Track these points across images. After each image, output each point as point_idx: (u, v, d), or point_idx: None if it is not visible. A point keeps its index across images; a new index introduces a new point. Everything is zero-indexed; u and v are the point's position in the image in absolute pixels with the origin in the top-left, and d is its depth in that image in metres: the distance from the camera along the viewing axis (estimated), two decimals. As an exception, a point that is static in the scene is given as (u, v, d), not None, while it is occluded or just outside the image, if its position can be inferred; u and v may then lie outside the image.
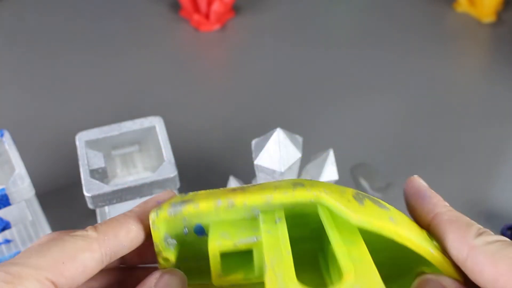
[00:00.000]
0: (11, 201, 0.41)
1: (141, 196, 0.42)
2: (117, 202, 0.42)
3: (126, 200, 0.42)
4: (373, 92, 0.61)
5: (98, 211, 0.48)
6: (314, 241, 0.28)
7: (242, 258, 0.27)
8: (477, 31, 0.67)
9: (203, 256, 0.28)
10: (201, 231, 0.28)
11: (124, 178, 0.50)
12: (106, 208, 0.49)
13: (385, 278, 0.23)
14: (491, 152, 0.55)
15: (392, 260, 0.26)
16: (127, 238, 0.27)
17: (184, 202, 0.27)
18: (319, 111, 0.59)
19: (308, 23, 0.68)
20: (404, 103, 0.60)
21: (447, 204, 0.28)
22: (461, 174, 0.54)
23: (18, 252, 0.46)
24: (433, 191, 0.29)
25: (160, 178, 0.42)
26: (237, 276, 0.27)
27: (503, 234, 0.48)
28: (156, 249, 0.28)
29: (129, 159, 0.49)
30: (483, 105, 0.60)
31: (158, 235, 0.28)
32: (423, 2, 0.71)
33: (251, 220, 0.27)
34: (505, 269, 0.23)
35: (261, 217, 0.26)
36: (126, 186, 0.41)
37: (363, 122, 0.58)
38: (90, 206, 0.42)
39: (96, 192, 0.41)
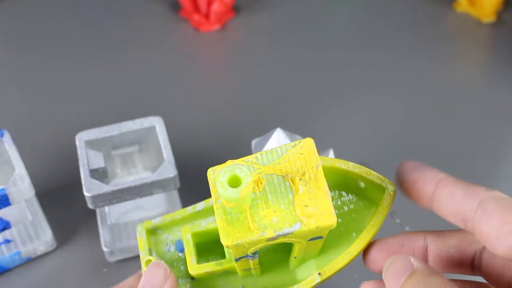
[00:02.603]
0: (11, 201, 0.41)
1: (141, 196, 0.42)
2: (117, 202, 0.42)
3: (126, 200, 0.42)
4: (373, 92, 0.61)
5: (98, 211, 0.48)
6: None
7: (216, 256, 0.33)
8: (477, 31, 0.67)
9: (184, 276, 0.33)
10: (181, 247, 0.33)
11: (124, 178, 0.50)
12: (106, 208, 0.49)
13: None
14: (491, 152, 0.55)
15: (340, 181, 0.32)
16: None
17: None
18: (319, 111, 0.59)
19: (308, 23, 0.68)
20: (404, 103, 0.60)
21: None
22: (461, 174, 0.53)
23: (19, 252, 0.46)
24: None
25: (160, 178, 0.42)
26: (209, 264, 0.32)
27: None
28: (141, 257, 0.32)
29: (129, 159, 0.49)
30: (483, 105, 0.60)
31: (143, 243, 0.33)
32: (423, 2, 0.71)
33: None
34: None
35: None
36: (126, 186, 0.41)
37: (363, 122, 0.58)
38: (90, 206, 0.42)
39: (96, 192, 0.41)
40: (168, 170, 0.42)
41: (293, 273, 0.33)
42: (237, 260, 0.29)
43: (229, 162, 0.28)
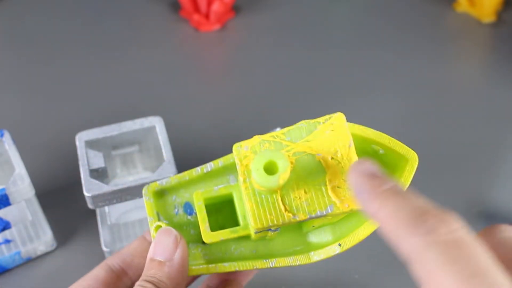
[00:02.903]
0: (11, 201, 0.41)
1: (140, 196, 0.42)
2: (117, 202, 0.42)
3: (126, 200, 0.42)
4: (373, 92, 0.61)
5: (98, 211, 0.48)
6: None
7: (230, 216, 0.31)
8: (477, 31, 0.67)
9: (195, 240, 0.31)
10: (190, 209, 0.31)
11: (124, 178, 0.50)
12: (106, 208, 0.49)
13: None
14: (491, 152, 0.55)
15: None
16: None
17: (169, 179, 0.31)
18: (319, 111, 0.59)
19: (308, 23, 0.68)
20: (404, 103, 0.60)
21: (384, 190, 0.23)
22: (461, 174, 0.54)
23: (19, 252, 0.46)
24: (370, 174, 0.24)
25: (160, 178, 0.42)
26: (225, 232, 0.30)
27: (503, 234, 0.48)
28: (149, 222, 0.30)
29: (129, 159, 0.49)
30: (483, 105, 0.60)
31: (151, 206, 0.31)
32: (423, 2, 0.71)
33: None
34: None
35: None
36: (126, 186, 0.41)
37: (363, 122, 0.58)
38: (90, 206, 0.42)
39: (96, 192, 0.41)
40: (168, 170, 0.42)
41: (306, 236, 0.32)
42: (257, 232, 0.28)
43: (256, 137, 0.27)
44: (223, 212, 0.32)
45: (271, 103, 0.60)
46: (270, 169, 0.25)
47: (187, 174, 0.31)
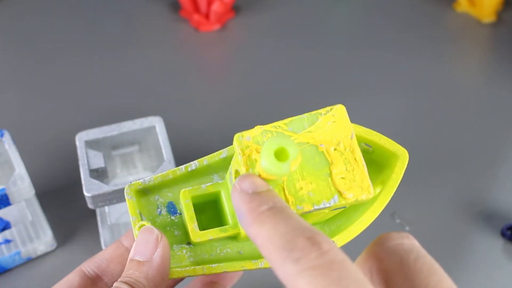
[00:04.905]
0: (11, 201, 0.41)
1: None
2: (117, 202, 0.42)
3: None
4: (373, 92, 0.61)
5: (98, 211, 0.48)
6: None
7: (213, 216, 0.30)
8: (477, 31, 0.67)
9: (179, 242, 0.30)
10: (173, 209, 0.31)
11: (124, 178, 0.50)
12: (106, 208, 0.49)
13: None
14: (491, 152, 0.55)
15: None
16: None
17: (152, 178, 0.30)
18: (319, 111, 0.59)
19: (308, 23, 0.68)
20: (404, 103, 0.60)
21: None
22: (461, 174, 0.54)
23: (19, 252, 0.46)
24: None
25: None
26: (214, 231, 0.29)
27: (503, 234, 0.48)
28: (132, 221, 0.29)
29: (129, 159, 0.49)
30: (483, 105, 0.60)
31: (133, 205, 0.30)
32: (423, 2, 0.71)
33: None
34: None
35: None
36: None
37: (363, 122, 0.58)
38: (90, 206, 0.42)
39: (96, 192, 0.41)
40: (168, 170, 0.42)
41: None
42: None
43: (258, 127, 0.27)
44: (206, 213, 0.31)
45: (271, 103, 0.60)
46: (279, 156, 0.24)
47: (170, 173, 0.30)
